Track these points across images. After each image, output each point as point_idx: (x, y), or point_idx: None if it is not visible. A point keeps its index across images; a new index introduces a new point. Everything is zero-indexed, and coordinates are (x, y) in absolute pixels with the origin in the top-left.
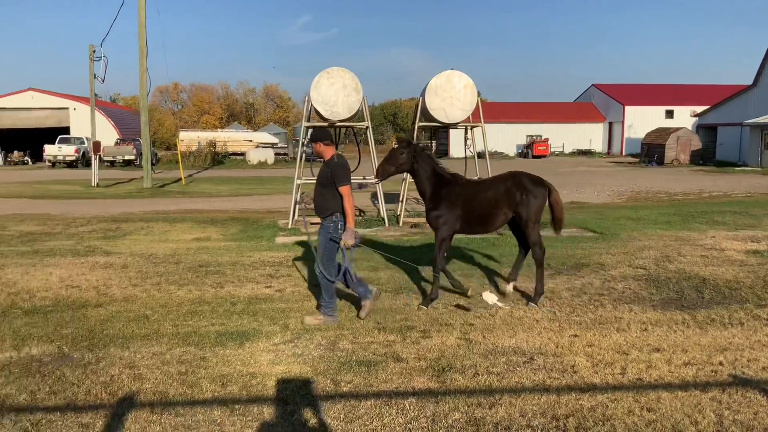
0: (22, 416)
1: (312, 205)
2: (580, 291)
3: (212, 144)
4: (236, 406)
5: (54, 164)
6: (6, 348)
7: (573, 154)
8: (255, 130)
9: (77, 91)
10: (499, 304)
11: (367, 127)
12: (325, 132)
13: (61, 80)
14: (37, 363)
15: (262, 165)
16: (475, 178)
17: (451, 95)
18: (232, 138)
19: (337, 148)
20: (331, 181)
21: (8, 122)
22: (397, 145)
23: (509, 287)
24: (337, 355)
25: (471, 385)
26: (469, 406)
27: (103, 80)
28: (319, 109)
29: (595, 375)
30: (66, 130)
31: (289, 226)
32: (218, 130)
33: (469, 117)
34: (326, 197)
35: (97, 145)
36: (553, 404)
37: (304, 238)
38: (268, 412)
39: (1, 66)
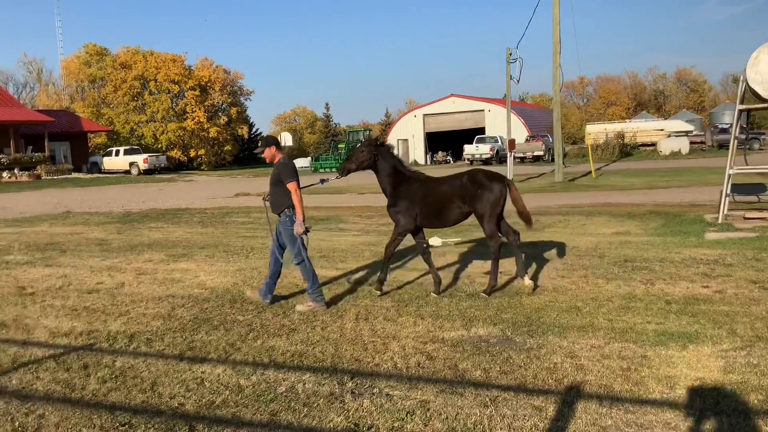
0: (481, 391)
1: None
2: None
3: (620, 135)
4: (689, 411)
5: (471, 162)
6: (457, 327)
7: None
8: (665, 119)
9: (491, 94)
10: (449, 242)
11: None
12: (274, 138)
13: (477, 85)
14: (485, 343)
15: (675, 155)
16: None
17: None
18: (641, 128)
19: None
20: (279, 180)
21: (433, 126)
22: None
23: (525, 281)
24: None
25: None
26: None
27: (518, 81)
28: (756, 89)
29: None
30: (482, 130)
31: (719, 221)
32: (625, 120)
33: None
34: (278, 195)
35: (512, 143)
36: None
37: (740, 234)
38: (727, 423)
39: (430, 77)
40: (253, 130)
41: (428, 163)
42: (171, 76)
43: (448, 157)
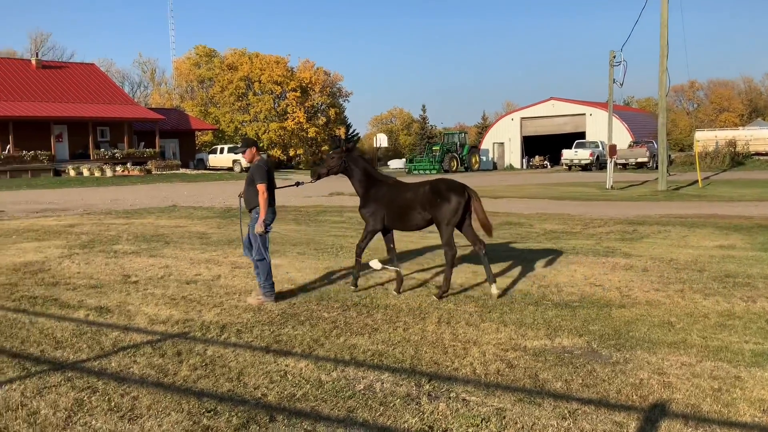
0: (560, 403)
1: None
2: None
3: (731, 143)
4: None
5: (570, 167)
6: (540, 336)
7: None
8: None
9: (593, 97)
10: (389, 267)
11: None
12: (252, 140)
13: (579, 88)
14: (569, 354)
15: None
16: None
17: None
18: (755, 136)
19: None
20: (252, 180)
21: (531, 130)
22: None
23: (493, 290)
24: None
25: None
26: None
27: (621, 84)
28: None
29: None
30: (582, 135)
31: None
32: (738, 128)
33: None
34: (251, 193)
35: (613, 148)
36: None
37: None
38: None
39: (530, 79)
40: (350, 130)
41: (524, 167)
42: (274, 77)
43: (546, 162)
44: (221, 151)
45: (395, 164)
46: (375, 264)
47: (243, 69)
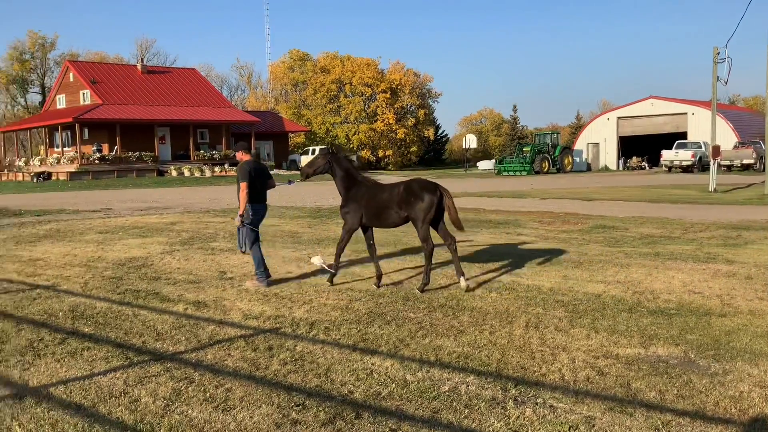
0: (653, 413)
1: None
2: None
3: None
4: None
5: (670, 169)
6: (634, 344)
7: None
8: None
9: (695, 96)
10: (325, 266)
11: None
12: (243, 144)
13: (680, 86)
14: (664, 364)
15: None
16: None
17: None
18: None
19: None
20: (237, 179)
21: (628, 130)
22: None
23: (462, 283)
24: None
25: None
26: None
27: (726, 82)
28: None
29: None
30: (683, 135)
31: None
32: None
33: None
34: (237, 192)
35: (716, 150)
36: None
37: None
38: None
39: (627, 77)
40: (439, 131)
41: (620, 168)
42: (365, 79)
43: (644, 163)
44: (312, 153)
45: (484, 165)
46: (316, 260)
47: (335, 72)
